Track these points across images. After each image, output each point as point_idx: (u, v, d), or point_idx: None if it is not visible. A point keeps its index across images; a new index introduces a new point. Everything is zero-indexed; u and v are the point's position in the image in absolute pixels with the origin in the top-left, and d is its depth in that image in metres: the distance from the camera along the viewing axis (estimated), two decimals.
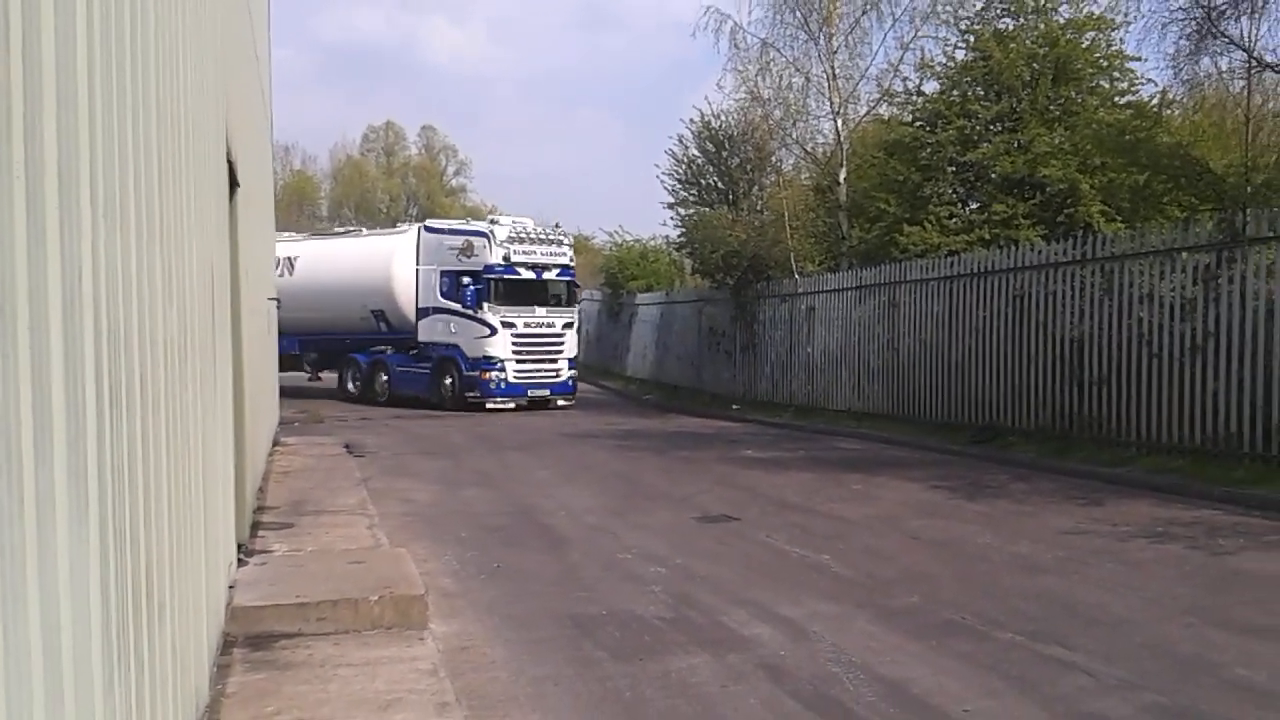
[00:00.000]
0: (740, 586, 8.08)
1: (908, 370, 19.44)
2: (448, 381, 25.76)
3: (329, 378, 30.39)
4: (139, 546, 3.22)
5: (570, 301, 26.71)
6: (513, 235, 25.17)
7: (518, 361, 25.28)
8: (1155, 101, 20.56)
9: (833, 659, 6.27)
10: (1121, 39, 21.75)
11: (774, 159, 30.10)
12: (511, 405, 25.32)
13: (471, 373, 25.23)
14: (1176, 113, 20.77)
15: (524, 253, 25.26)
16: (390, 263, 26.73)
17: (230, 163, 7.84)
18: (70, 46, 2.38)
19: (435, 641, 6.40)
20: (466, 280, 24.98)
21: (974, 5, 23.78)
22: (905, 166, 22.60)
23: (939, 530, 10.36)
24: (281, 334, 27.04)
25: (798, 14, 27.21)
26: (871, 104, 27.57)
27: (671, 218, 34.50)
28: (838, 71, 26.98)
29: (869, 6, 26.93)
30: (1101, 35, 21.71)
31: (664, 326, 32.11)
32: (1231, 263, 12.91)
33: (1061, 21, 21.91)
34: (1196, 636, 6.72)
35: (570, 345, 26.46)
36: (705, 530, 10.44)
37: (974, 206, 22.33)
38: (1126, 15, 20.58)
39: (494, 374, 25.15)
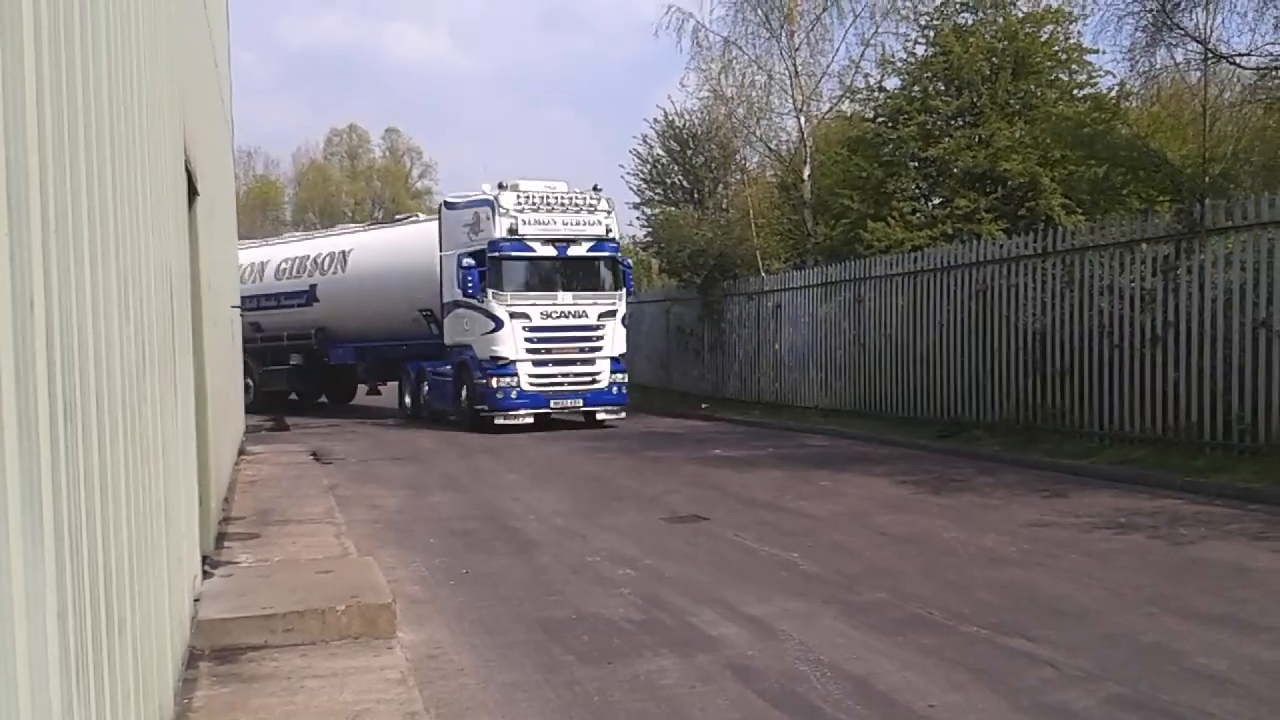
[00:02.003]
0: (709, 586, 8.11)
1: (874, 366, 19.56)
2: (464, 392, 21.08)
3: (392, 389, 26.64)
4: (97, 564, 3.20)
5: (613, 284, 21.14)
6: (523, 202, 20.23)
7: (534, 363, 20.21)
8: (1113, 94, 20.77)
9: (800, 657, 6.30)
10: (1079, 32, 22.10)
11: (738, 157, 30.28)
12: (528, 419, 20.28)
13: (480, 380, 20.29)
14: (1135, 104, 21.00)
15: (537, 222, 20.29)
16: (433, 253, 22.18)
17: (189, 171, 7.79)
18: (17, 61, 2.37)
19: (404, 650, 6.40)
20: (468, 262, 20.01)
21: (933, 1, 23.93)
22: (868, 163, 22.72)
23: (906, 525, 10.43)
24: (338, 341, 25.85)
25: (759, 11, 27.32)
26: (834, 101, 27.72)
27: (638, 218, 34.55)
28: (800, 69, 27.10)
29: (830, 3, 27.08)
30: (1059, 29, 21.91)
31: (632, 326, 31.96)
32: (1190, 253, 13.07)
33: (1020, 16, 22.10)
34: (1158, 626, 6.80)
35: (612, 340, 20.95)
36: (674, 530, 10.47)
37: (936, 201, 22.49)
38: (1084, 8, 20.80)
39: (502, 379, 20.07)
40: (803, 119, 27.00)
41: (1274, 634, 6.55)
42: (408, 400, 24.19)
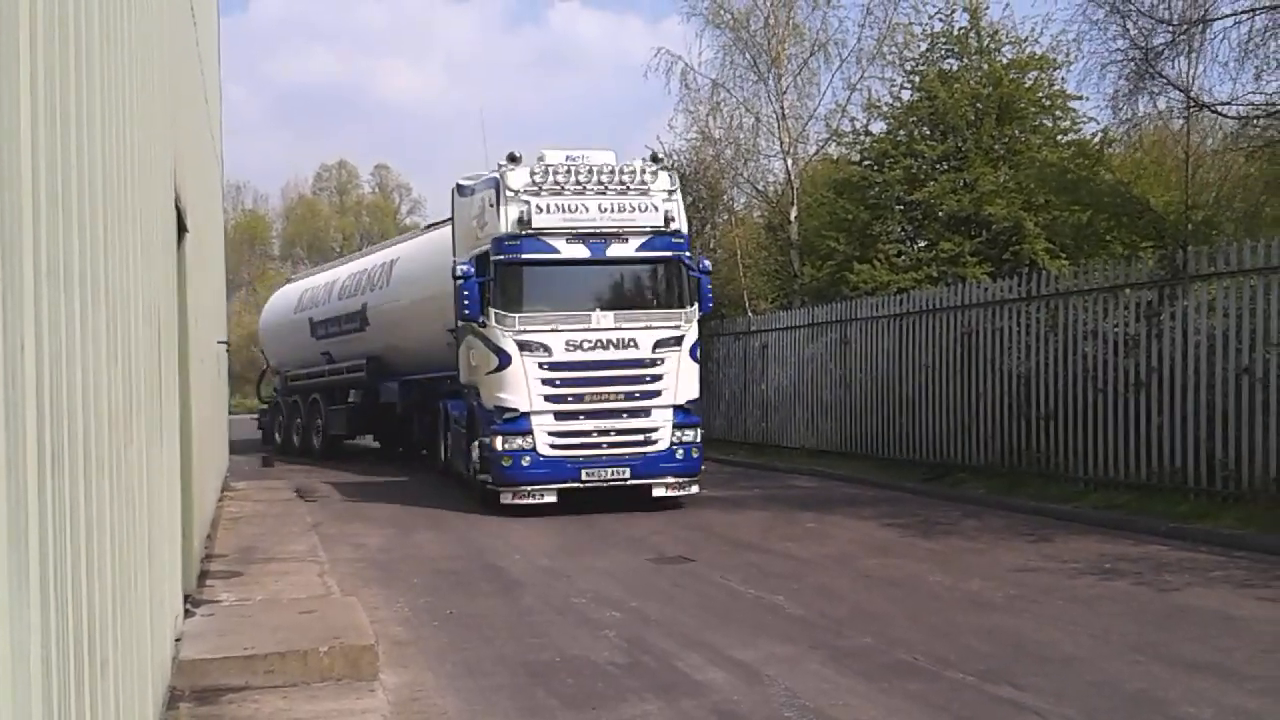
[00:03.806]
0: (695, 629, 8.07)
1: (860, 407, 19.58)
2: (475, 451, 15.07)
3: None
4: (81, 606, 3.18)
5: (677, 298, 14.75)
6: (539, 181, 14.23)
7: (557, 415, 14.14)
8: (1097, 140, 20.96)
9: (786, 703, 6.27)
10: (1063, 79, 22.23)
11: (725, 198, 30.38)
12: (548, 497, 14.09)
13: (485, 438, 14.51)
14: (1118, 151, 21.20)
15: (560, 209, 14.26)
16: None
17: (179, 209, 7.81)
18: (14, 108, 2.39)
19: (386, 692, 6.35)
20: (464, 269, 14.36)
21: (919, 47, 24.20)
22: (854, 205, 22.88)
23: (892, 569, 10.42)
24: (388, 374, 21.15)
25: (747, 55, 27.57)
26: (820, 144, 27.93)
27: None
28: (787, 111, 27.32)
29: (816, 48, 27.33)
30: (1043, 75, 22.16)
31: None
32: (1173, 299, 13.15)
33: (1004, 62, 22.34)
34: (1144, 673, 6.79)
35: (676, 380, 14.51)
36: (660, 571, 10.43)
37: (922, 244, 22.64)
38: (1068, 56, 21.00)
39: (510, 440, 14.02)
40: (789, 161, 27.20)
41: (1259, 683, 6.55)
42: (442, 450, 18.25)
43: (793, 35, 27.42)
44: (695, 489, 14.77)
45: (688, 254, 14.95)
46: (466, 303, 14.20)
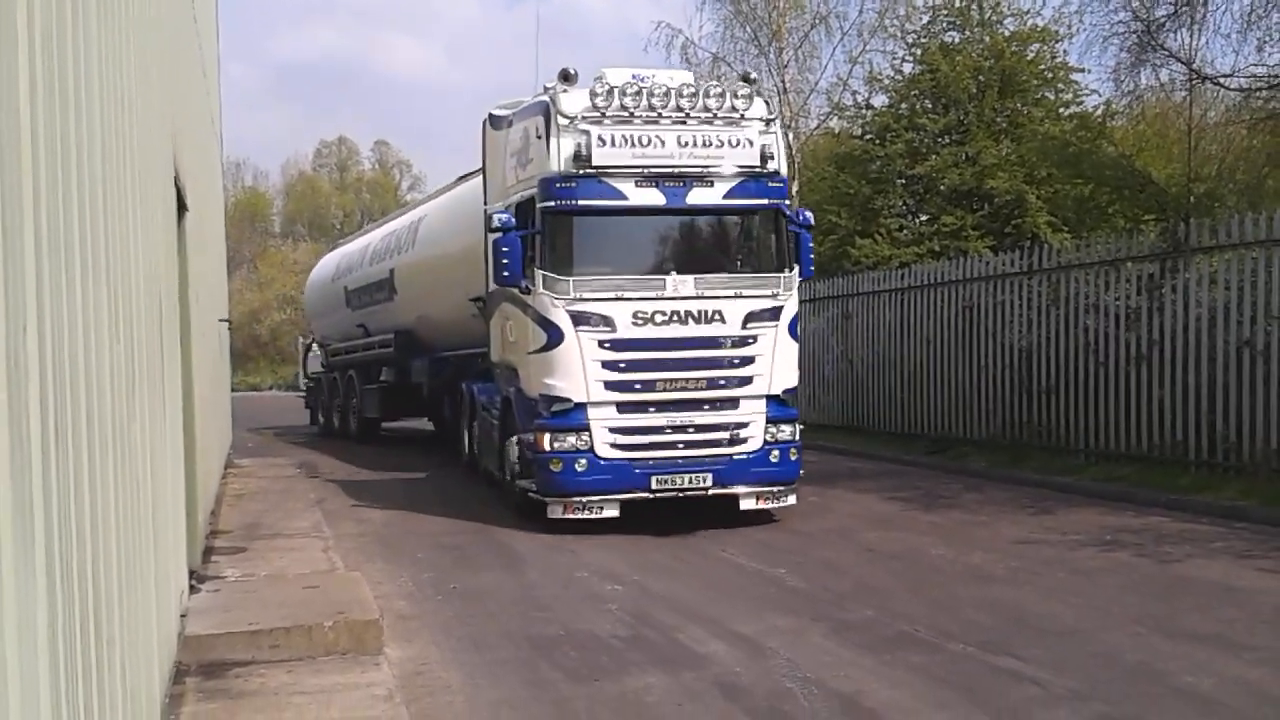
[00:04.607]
0: (697, 603, 8.12)
1: (863, 381, 19.60)
2: (511, 449, 12.20)
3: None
4: (87, 581, 3.21)
5: (774, 258, 11.83)
6: (600, 105, 11.19)
7: (620, 407, 11.26)
8: (1099, 113, 20.91)
9: (788, 675, 6.32)
10: (1065, 51, 22.20)
11: None
12: (608, 510, 11.17)
13: (527, 435, 11.65)
14: (1120, 124, 21.15)
15: (626, 140, 11.23)
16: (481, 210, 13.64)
17: (179, 187, 7.81)
18: (13, 87, 2.39)
19: (391, 666, 6.39)
20: (502, 220, 11.55)
21: (920, 19, 24.15)
22: (856, 180, 22.85)
23: (894, 542, 10.46)
24: (419, 350, 18.48)
25: (748, 29, 27.50)
26: (822, 118, 27.92)
27: None
28: (788, 85, 27.27)
29: (817, 21, 27.28)
30: (1045, 48, 22.10)
31: None
32: (1174, 272, 13.14)
33: (1006, 34, 22.28)
34: (1144, 645, 6.83)
35: (771, 363, 11.56)
36: (662, 546, 10.47)
37: (924, 218, 22.63)
38: (1070, 28, 20.98)
39: (561, 438, 11.19)
40: (791, 135, 27.12)
41: (1259, 653, 6.59)
42: (466, 441, 15.53)
43: (794, 8, 27.33)
44: (792, 499, 11.69)
45: (787, 202, 11.96)
46: (506, 262, 11.28)
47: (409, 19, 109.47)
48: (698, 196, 11.41)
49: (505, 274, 11.39)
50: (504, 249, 11.34)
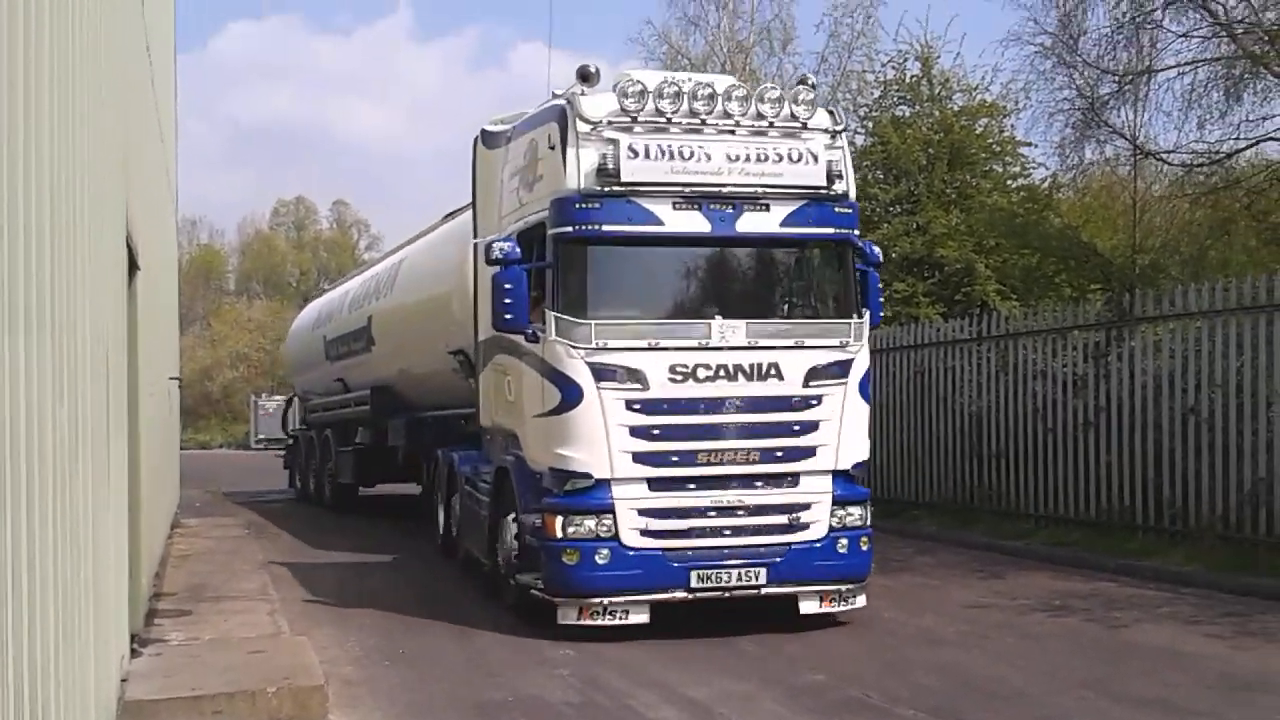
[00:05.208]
0: (649, 667, 8.06)
1: None
2: (509, 533, 9.94)
3: None
4: (22, 645, 3.16)
5: (843, 303, 9.78)
6: (631, 108, 9.10)
7: (653, 484, 9.10)
8: (1046, 185, 21.35)
9: None
10: (1013, 126, 22.62)
11: None
12: (636, 614, 8.99)
13: (531, 516, 9.48)
14: (1066, 196, 21.60)
15: (663, 152, 9.12)
16: (466, 254, 11.89)
17: (130, 247, 7.78)
18: None
19: None
20: (503, 249, 9.38)
21: (872, 94, 24.55)
22: None
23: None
24: (398, 409, 16.38)
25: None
26: None
27: None
28: None
29: None
30: (994, 122, 22.53)
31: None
32: (1120, 341, 13.39)
33: (955, 109, 22.71)
34: (1091, 710, 6.88)
35: (839, 431, 9.42)
36: None
37: None
38: (1017, 104, 21.41)
39: (578, 522, 9.01)
40: None
41: (1203, 718, 6.64)
42: (441, 518, 13.50)
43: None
44: (862, 600, 9.47)
45: (857, 232, 9.83)
46: (509, 302, 9.10)
47: (369, 84, 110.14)
48: (750, 223, 9.27)
49: (507, 317, 9.14)
50: (506, 286, 9.11)
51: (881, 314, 10.54)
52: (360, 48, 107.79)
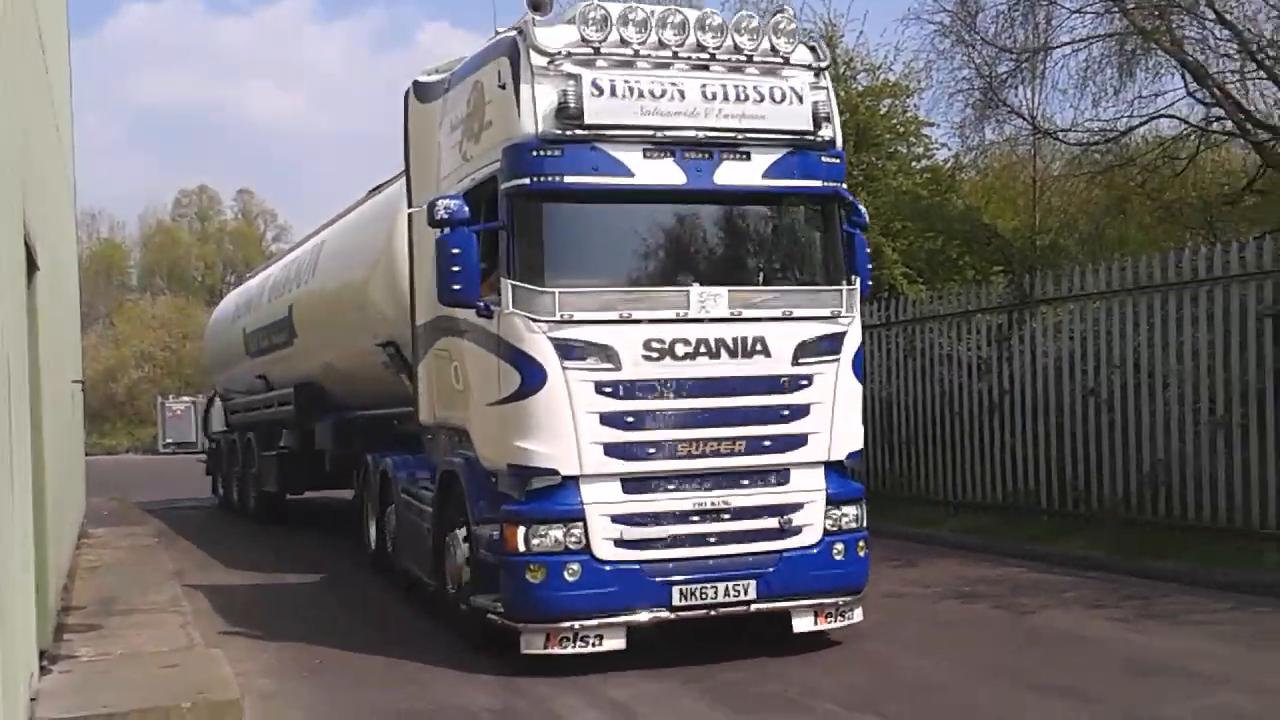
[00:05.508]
0: (570, 670, 8.04)
1: None
2: (459, 550, 8.76)
3: None
4: None
5: (833, 267, 8.68)
6: (593, 39, 7.93)
7: (627, 483, 7.92)
8: (949, 166, 21.68)
9: None
10: (916, 106, 22.87)
11: None
12: (611, 642, 7.82)
13: (483, 525, 8.34)
14: (969, 177, 21.95)
15: (631, 90, 7.94)
16: (393, 233, 11.30)
17: (29, 247, 7.56)
18: None
19: None
20: (448, 208, 8.04)
21: None
22: None
23: None
24: (322, 410, 15.26)
25: None
26: None
27: None
28: None
29: None
30: (897, 102, 22.79)
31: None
32: (1022, 323, 13.64)
33: (860, 89, 22.94)
34: (1002, 698, 7.08)
35: (831, 417, 8.36)
36: None
37: None
38: (919, 83, 21.65)
39: (540, 533, 7.77)
40: None
41: (1109, 704, 6.87)
42: (372, 532, 12.41)
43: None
44: (858, 614, 8.58)
45: (843, 185, 8.82)
46: (456, 270, 7.91)
47: (272, 65, 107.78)
48: (730, 174, 8.18)
49: (455, 288, 7.94)
50: (453, 251, 7.91)
51: (870, 281, 9.31)
52: (261, 29, 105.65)
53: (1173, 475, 11.42)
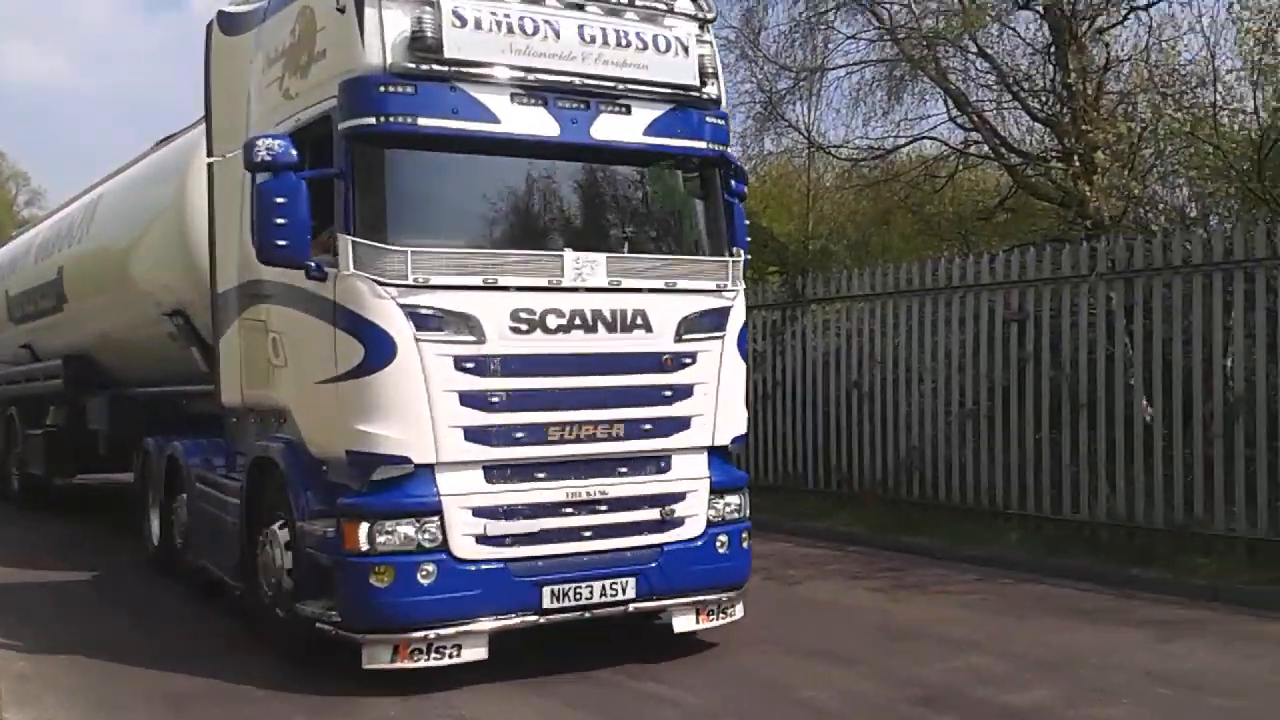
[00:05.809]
0: (419, 685, 7.68)
1: None
2: (277, 551, 7.43)
3: None
4: None
5: (717, 237, 7.80)
6: None
7: (489, 472, 6.88)
8: None
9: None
10: None
11: None
12: (471, 651, 6.75)
13: (314, 524, 7.05)
14: (751, 183, 22.68)
15: (498, 24, 6.91)
16: (185, 187, 10.10)
17: None
18: None
19: None
20: (273, 149, 6.79)
21: None
22: None
23: None
24: (96, 385, 13.63)
25: None
26: None
27: None
28: None
29: None
30: None
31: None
32: (794, 320, 14.49)
33: None
34: (773, 662, 7.49)
35: (715, 397, 7.57)
36: None
37: None
38: None
39: (388, 529, 6.63)
40: None
41: (866, 666, 7.35)
42: (155, 525, 10.99)
43: None
44: (739, 611, 7.94)
45: (728, 148, 8.14)
46: (282, 224, 6.71)
47: (28, 22, 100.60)
48: (608, 129, 7.30)
49: (281, 244, 6.72)
50: (278, 200, 6.70)
51: (747, 243, 8.43)
52: None
53: (926, 460, 12.46)
